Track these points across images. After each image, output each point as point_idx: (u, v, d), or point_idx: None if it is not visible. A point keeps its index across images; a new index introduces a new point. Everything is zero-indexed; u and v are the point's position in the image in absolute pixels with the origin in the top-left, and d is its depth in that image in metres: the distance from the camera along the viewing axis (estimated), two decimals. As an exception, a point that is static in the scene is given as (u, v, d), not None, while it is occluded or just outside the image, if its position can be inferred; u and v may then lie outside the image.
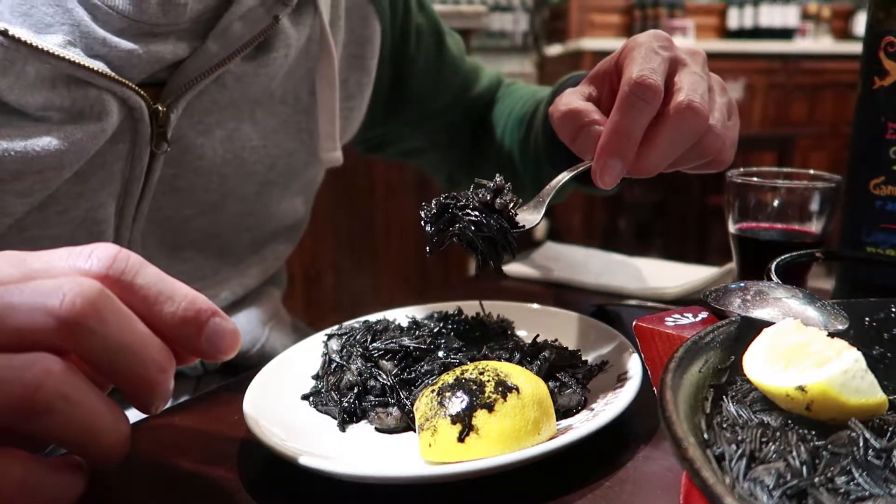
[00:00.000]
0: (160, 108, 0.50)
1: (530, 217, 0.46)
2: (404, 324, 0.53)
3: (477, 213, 0.44)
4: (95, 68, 0.45)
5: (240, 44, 0.52)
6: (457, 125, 0.83)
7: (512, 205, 0.45)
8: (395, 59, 0.74)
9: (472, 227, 0.44)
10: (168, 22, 0.48)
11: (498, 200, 0.44)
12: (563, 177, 0.48)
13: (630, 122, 0.44)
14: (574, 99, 0.49)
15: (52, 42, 0.43)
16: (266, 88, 0.58)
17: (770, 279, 0.43)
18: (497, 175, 0.46)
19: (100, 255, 0.31)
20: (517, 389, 0.38)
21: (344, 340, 0.51)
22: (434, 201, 0.45)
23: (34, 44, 0.42)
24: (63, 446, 0.29)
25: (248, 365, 0.65)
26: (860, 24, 4.22)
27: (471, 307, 0.56)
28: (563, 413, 0.43)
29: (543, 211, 0.46)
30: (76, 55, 0.44)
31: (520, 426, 0.37)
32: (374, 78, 0.70)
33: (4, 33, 0.41)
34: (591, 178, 0.46)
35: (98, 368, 0.30)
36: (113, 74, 0.46)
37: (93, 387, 0.29)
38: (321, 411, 0.46)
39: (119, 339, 0.29)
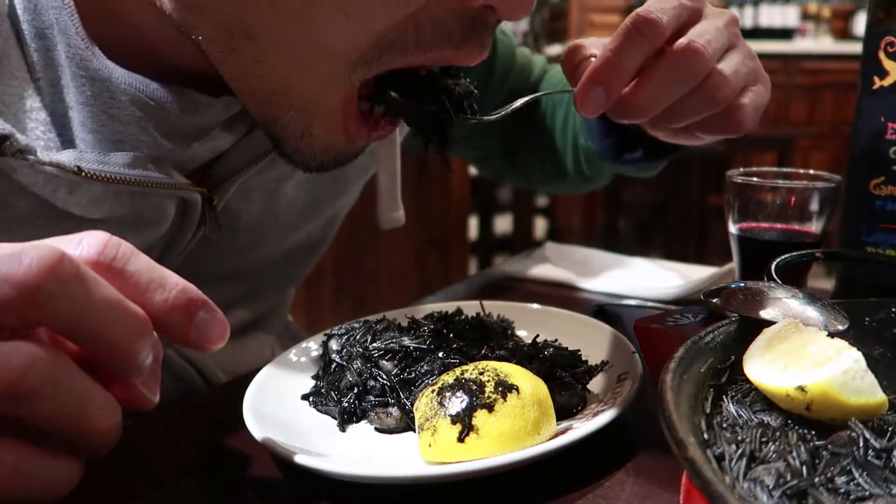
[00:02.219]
0: (215, 198, 0.50)
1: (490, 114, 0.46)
2: (404, 324, 0.53)
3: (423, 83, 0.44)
4: (160, 183, 0.45)
5: None
6: (506, 123, 0.81)
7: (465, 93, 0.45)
8: None
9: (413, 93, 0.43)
10: (228, 115, 0.48)
11: (449, 80, 0.44)
12: (543, 93, 0.50)
13: (622, 52, 0.41)
14: (585, 39, 0.47)
15: (119, 162, 0.43)
16: None
17: (770, 279, 0.43)
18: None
19: (90, 241, 0.31)
20: (517, 389, 0.38)
21: (344, 340, 0.51)
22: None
23: (101, 175, 0.42)
24: (54, 432, 0.29)
25: None
26: (860, 24, 4.22)
27: (471, 307, 0.56)
28: (563, 413, 0.43)
29: (507, 111, 0.46)
30: (141, 174, 0.43)
31: (520, 426, 0.37)
32: None
33: (77, 172, 0.41)
34: (575, 106, 0.43)
35: (68, 336, 0.29)
36: (174, 182, 0.46)
37: (83, 373, 0.29)
38: (321, 411, 0.46)
39: (83, 303, 0.28)
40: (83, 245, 0.31)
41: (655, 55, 0.42)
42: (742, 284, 0.40)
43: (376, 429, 0.44)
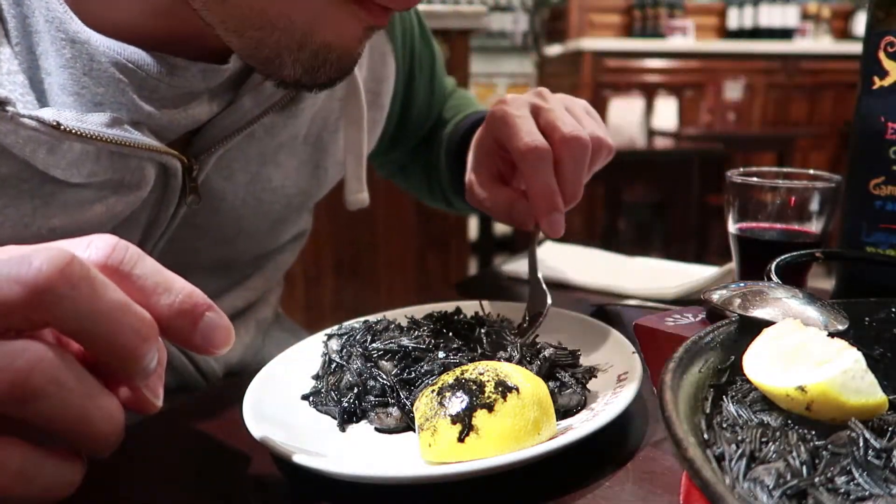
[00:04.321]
0: (194, 166, 0.51)
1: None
2: (404, 324, 0.53)
3: None
4: (138, 144, 0.45)
5: (274, 100, 0.52)
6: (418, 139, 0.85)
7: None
8: (404, 93, 0.74)
9: None
10: (207, 86, 0.49)
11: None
12: (536, 263, 0.58)
13: (542, 181, 0.53)
14: (492, 187, 0.59)
15: (97, 121, 0.43)
16: (293, 134, 0.58)
17: (770, 279, 0.43)
18: None
19: (98, 244, 0.31)
20: (517, 389, 0.38)
21: (344, 340, 0.51)
22: None
23: (80, 132, 0.42)
24: (57, 433, 0.29)
25: (248, 373, 0.65)
26: (860, 24, 4.22)
27: (471, 307, 0.56)
28: (563, 413, 0.43)
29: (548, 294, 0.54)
30: (119, 134, 0.44)
31: (520, 426, 0.37)
32: (387, 113, 0.70)
33: (56, 126, 0.41)
34: (545, 234, 0.55)
35: (75, 338, 0.29)
36: (154, 145, 0.46)
37: (88, 375, 0.29)
38: (321, 411, 0.46)
39: (91, 306, 0.28)
40: (92, 247, 0.31)
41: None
42: (742, 284, 0.40)
43: (376, 429, 0.44)
